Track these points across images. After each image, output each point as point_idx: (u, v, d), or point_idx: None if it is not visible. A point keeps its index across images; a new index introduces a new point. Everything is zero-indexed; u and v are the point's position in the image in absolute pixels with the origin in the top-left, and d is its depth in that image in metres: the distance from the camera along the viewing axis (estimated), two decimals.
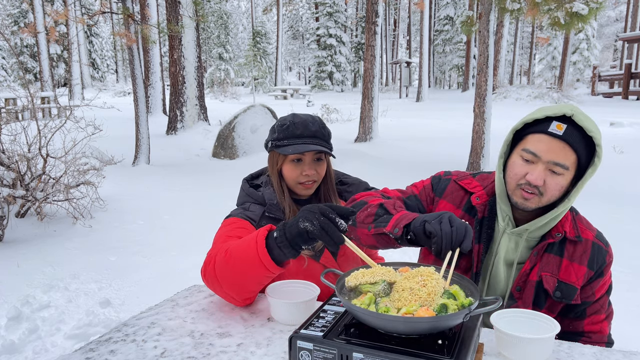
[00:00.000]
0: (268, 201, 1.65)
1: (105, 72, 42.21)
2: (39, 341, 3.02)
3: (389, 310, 1.02)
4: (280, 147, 1.60)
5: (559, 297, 1.42)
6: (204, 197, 6.56)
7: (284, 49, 43.80)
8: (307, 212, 1.17)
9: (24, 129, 5.19)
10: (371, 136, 11.13)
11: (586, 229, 1.47)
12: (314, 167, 1.62)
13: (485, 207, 1.48)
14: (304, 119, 1.62)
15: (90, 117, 6.08)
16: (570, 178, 1.34)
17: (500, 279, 1.47)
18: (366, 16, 10.84)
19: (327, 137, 1.65)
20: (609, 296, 1.50)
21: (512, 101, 19.65)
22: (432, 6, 32.99)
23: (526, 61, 45.69)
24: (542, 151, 1.31)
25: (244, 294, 1.35)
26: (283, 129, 1.61)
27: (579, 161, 1.32)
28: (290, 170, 1.62)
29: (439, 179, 1.60)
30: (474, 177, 1.56)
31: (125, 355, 1.16)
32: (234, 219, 1.61)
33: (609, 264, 1.46)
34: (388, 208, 1.40)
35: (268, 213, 1.64)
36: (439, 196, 1.56)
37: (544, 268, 1.42)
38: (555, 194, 1.34)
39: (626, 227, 5.09)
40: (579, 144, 1.29)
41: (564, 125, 1.30)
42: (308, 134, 1.59)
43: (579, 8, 7.85)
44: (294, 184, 1.64)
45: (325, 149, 1.59)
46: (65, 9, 10.33)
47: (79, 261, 4.25)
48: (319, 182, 1.67)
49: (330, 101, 20.02)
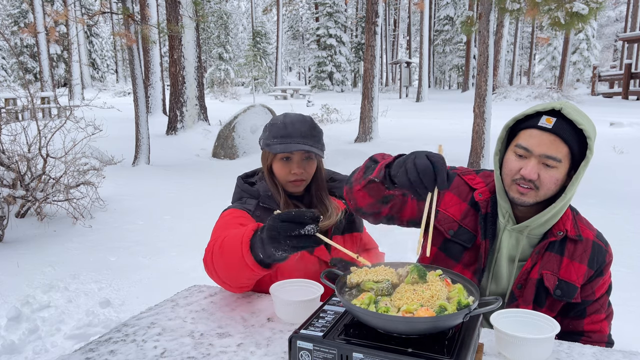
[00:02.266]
0: (262, 193, 1.68)
1: (105, 72, 42.21)
2: (39, 341, 3.02)
3: (389, 310, 1.02)
4: (270, 146, 1.63)
5: (559, 295, 1.42)
6: (204, 197, 6.56)
7: (284, 49, 43.80)
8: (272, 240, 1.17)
9: (24, 129, 5.19)
10: (371, 136, 11.13)
11: (587, 228, 1.48)
12: (302, 166, 1.65)
13: (488, 203, 1.50)
14: (294, 118, 1.65)
15: (90, 117, 6.08)
16: (564, 171, 1.35)
17: (503, 275, 1.48)
18: (366, 16, 10.84)
19: (318, 137, 1.67)
20: (609, 296, 1.51)
21: (512, 101, 19.64)
22: (432, 6, 32.98)
23: (526, 61, 45.68)
24: (533, 145, 1.33)
25: (238, 283, 1.40)
26: (274, 129, 1.65)
27: (572, 154, 1.34)
28: (279, 169, 1.66)
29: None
30: (477, 174, 1.58)
31: (125, 355, 1.16)
32: (232, 210, 1.65)
33: (608, 264, 1.47)
34: (376, 158, 1.43)
35: (262, 203, 1.67)
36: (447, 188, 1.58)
37: (545, 266, 1.43)
38: (551, 187, 1.36)
39: (626, 227, 5.09)
40: (569, 136, 1.31)
41: (554, 118, 1.32)
42: (297, 134, 1.62)
43: (579, 8, 7.85)
44: (284, 181, 1.67)
45: (313, 149, 1.62)
46: (65, 9, 10.33)
47: (79, 261, 4.25)
48: (308, 180, 1.70)
49: (330, 101, 20.01)
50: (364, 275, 1.15)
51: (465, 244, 1.50)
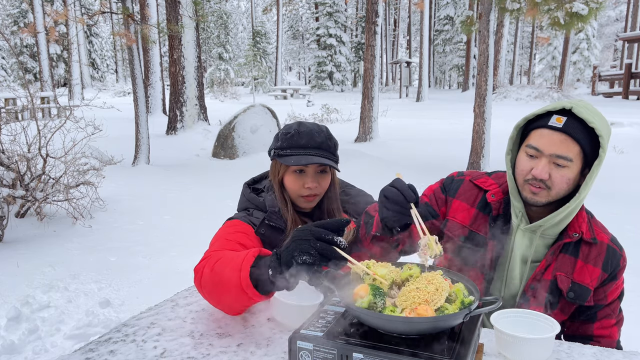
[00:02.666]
0: (269, 208, 1.56)
1: (105, 72, 42.19)
2: (38, 341, 3.02)
3: (395, 311, 1.02)
4: (283, 157, 1.51)
5: (572, 297, 1.41)
6: (204, 197, 6.56)
7: (284, 49, 43.79)
8: (301, 241, 1.07)
9: (23, 129, 5.19)
10: (371, 136, 11.14)
11: (602, 232, 1.47)
12: (316, 179, 1.53)
13: (501, 204, 1.49)
14: (309, 128, 1.54)
15: (90, 117, 6.08)
16: (577, 170, 1.34)
17: (516, 276, 1.47)
18: (366, 16, 10.84)
19: (333, 148, 1.56)
20: (620, 302, 1.50)
21: (512, 101, 19.64)
22: (432, 6, 32.97)
23: (526, 61, 45.67)
24: (544, 145, 1.33)
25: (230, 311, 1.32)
26: (287, 138, 1.52)
27: (584, 153, 1.33)
28: (291, 182, 1.54)
29: (451, 180, 1.61)
30: (489, 176, 1.58)
31: (125, 355, 1.16)
32: (237, 221, 1.55)
33: (622, 268, 1.46)
34: (369, 212, 1.44)
35: (268, 221, 1.55)
36: (452, 196, 1.57)
37: (559, 268, 1.42)
38: (563, 187, 1.35)
39: (626, 227, 5.09)
40: (580, 135, 1.30)
41: (564, 118, 1.32)
42: (313, 144, 1.50)
43: (579, 8, 7.85)
44: (296, 196, 1.56)
45: (329, 162, 1.50)
46: (65, 9, 10.33)
47: (78, 261, 4.25)
48: (321, 195, 1.59)
49: (330, 101, 20.02)
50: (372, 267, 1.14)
51: (477, 248, 1.49)
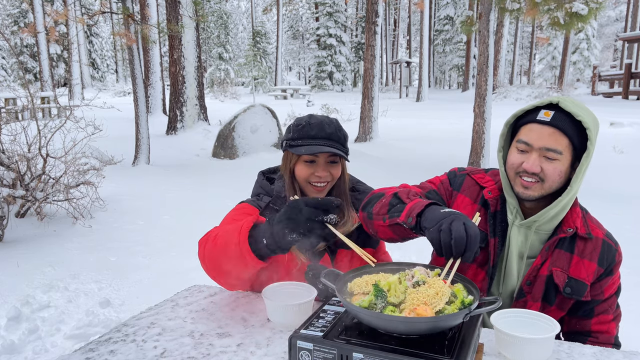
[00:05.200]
0: (276, 193, 1.63)
1: (105, 72, 42.18)
2: (39, 341, 3.02)
3: (395, 311, 1.03)
4: (294, 147, 1.57)
5: (569, 293, 1.43)
6: (204, 197, 6.56)
7: (284, 49, 43.77)
8: (291, 221, 1.18)
9: (24, 129, 5.19)
10: (371, 136, 11.14)
11: (596, 227, 1.50)
12: (327, 169, 1.59)
13: (497, 201, 1.51)
14: (320, 120, 1.61)
15: (90, 117, 6.07)
16: (567, 163, 1.37)
17: (513, 272, 1.48)
18: (366, 16, 10.84)
19: (343, 140, 1.62)
20: (617, 297, 1.52)
21: (512, 101, 19.64)
22: (432, 6, 32.97)
23: (526, 61, 45.66)
24: (533, 139, 1.36)
25: (228, 280, 1.40)
26: (298, 129, 1.58)
27: (573, 146, 1.35)
28: (302, 170, 1.59)
29: (454, 175, 1.62)
30: (486, 173, 1.60)
31: (125, 355, 1.16)
32: (246, 204, 1.63)
33: (618, 263, 1.49)
34: (402, 197, 1.40)
35: (272, 204, 1.62)
36: (457, 190, 1.59)
37: (555, 263, 1.44)
38: (556, 179, 1.37)
39: (626, 226, 5.09)
40: (568, 128, 1.33)
41: (552, 112, 1.35)
42: (323, 135, 1.56)
43: (579, 8, 7.85)
44: (305, 183, 1.61)
45: (339, 152, 1.57)
46: (65, 9, 10.33)
47: (79, 261, 4.25)
48: (331, 184, 1.63)
49: (330, 101, 20.01)
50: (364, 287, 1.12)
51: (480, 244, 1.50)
